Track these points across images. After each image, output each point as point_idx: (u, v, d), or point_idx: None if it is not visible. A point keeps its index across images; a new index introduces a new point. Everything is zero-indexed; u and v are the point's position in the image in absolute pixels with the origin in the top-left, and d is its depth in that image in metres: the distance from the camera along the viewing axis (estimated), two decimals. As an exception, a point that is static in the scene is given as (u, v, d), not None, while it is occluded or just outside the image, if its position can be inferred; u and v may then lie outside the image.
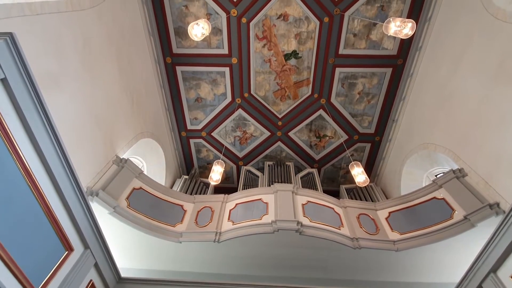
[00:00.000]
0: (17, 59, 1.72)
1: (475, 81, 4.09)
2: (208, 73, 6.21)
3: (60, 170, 2.33)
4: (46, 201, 2.18)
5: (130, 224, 3.94)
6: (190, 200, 4.89)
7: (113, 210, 3.80)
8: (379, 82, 6.14)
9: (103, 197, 3.71)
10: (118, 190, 4.09)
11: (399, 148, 6.30)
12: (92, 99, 3.88)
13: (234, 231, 4.22)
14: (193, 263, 4.54)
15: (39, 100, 1.95)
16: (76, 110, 3.54)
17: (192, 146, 7.34)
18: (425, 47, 5.27)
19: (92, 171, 3.85)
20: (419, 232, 4.12)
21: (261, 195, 4.80)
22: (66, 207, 2.49)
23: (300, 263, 4.48)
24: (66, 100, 3.35)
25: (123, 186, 4.22)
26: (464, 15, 4.31)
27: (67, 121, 3.34)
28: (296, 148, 7.31)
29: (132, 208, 4.13)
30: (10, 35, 1.65)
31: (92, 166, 3.86)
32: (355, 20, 5.45)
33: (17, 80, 1.74)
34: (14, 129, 1.81)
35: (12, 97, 1.73)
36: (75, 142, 3.48)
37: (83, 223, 2.75)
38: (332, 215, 4.59)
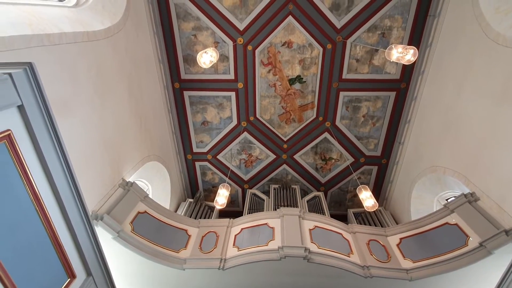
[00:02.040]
0: (34, 87, 1.79)
1: (480, 103, 4.10)
2: (214, 98, 6.37)
3: (68, 194, 2.34)
4: (52, 226, 2.17)
5: (134, 250, 3.86)
6: (194, 224, 4.80)
7: (117, 235, 3.75)
8: (383, 105, 6.20)
9: (107, 221, 3.68)
10: (123, 214, 4.06)
11: (406, 171, 6.21)
12: (102, 123, 3.97)
13: (240, 257, 4.09)
14: (196, 291, 4.37)
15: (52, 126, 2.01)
16: (86, 134, 3.62)
17: (198, 169, 7.34)
18: (427, 71, 5.37)
19: (98, 194, 3.86)
20: (433, 260, 3.93)
21: (267, 219, 4.70)
22: (71, 232, 2.46)
23: None
24: (77, 124, 3.44)
25: (128, 210, 4.19)
26: (465, 40, 4.42)
27: (76, 144, 3.41)
28: (302, 171, 7.26)
29: (136, 233, 4.07)
30: (29, 65, 1.74)
31: (98, 189, 3.87)
32: (357, 46, 5.62)
33: (33, 107, 1.81)
34: (26, 153, 1.85)
35: (27, 122, 1.79)
36: (83, 166, 3.52)
37: (87, 248, 2.70)
38: (341, 241, 4.44)
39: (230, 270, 4.08)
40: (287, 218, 4.59)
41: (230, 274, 4.12)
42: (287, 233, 4.26)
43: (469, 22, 4.30)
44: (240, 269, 4.06)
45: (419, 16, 5.21)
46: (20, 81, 1.70)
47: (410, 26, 5.33)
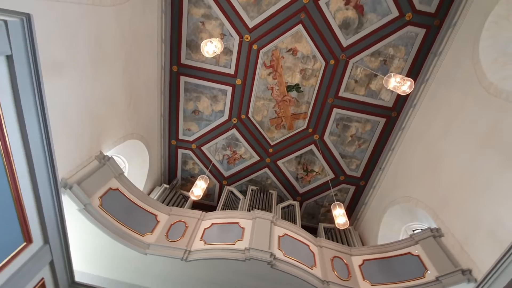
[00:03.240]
0: (28, 40, 1.71)
1: (462, 146, 4.29)
2: (210, 89, 6.30)
3: (40, 154, 2.24)
4: (18, 185, 2.07)
5: (98, 226, 3.74)
6: (165, 211, 4.72)
7: (84, 208, 3.63)
8: (371, 129, 6.35)
9: (76, 192, 3.55)
10: (93, 188, 3.93)
11: (382, 196, 6.38)
12: (90, 92, 3.84)
13: (205, 252, 4.06)
14: (155, 278, 4.29)
15: (38, 83, 1.92)
16: (71, 100, 3.49)
17: (180, 156, 7.23)
18: (419, 105, 5.55)
19: (72, 163, 3.72)
20: (390, 286, 4.06)
21: (240, 219, 4.70)
22: (36, 195, 2.36)
23: None
24: (64, 88, 3.30)
25: (99, 184, 4.07)
26: (459, 83, 4.61)
27: (59, 108, 3.27)
28: (282, 177, 7.31)
29: (104, 208, 3.95)
30: (27, 16, 1.66)
31: (73, 157, 3.73)
32: (358, 68, 5.74)
33: (22, 59, 1.73)
34: (5, 105, 1.75)
35: (13, 75, 1.70)
36: (61, 130, 3.38)
37: (49, 215, 2.60)
38: (307, 253, 4.50)
39: (193, 263, 4.03)
40: (259, 221, 4.60)
41: (193, 266, 4.07)
42: (256, 236, 4.27)
43: (466, 67, 4.49)
44: (203, 263, 4.03)
45: (422, 52, 5.39)
46: (14, 31, 1.62)
47: (411, 59, 5.50)
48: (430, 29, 5.21)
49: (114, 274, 4.26)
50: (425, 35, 5.27)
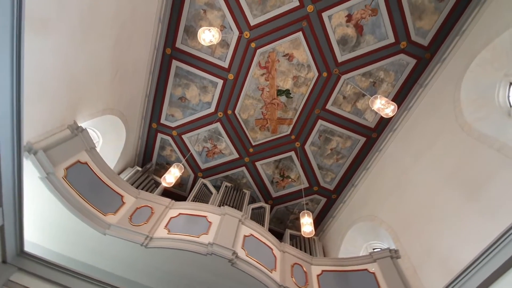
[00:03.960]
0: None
1: (430, 177, 4.51)
2: (201, 78, 6.21)
3: (7, 110, 2.09)
4: (-26, 140, 1.92)
5: (58, 198, 3.55)
6: (133, 193, 4.58)
7: (46, 176, 3.44)
8: (351, 146, 6.52)
9: (40, 158, 3.36)
10: (60, 157, 3.74)
11: (350, 212, 6.56)
12: (74, 58, 3.66)
13: (167, 241, 3.98)
14: (112, 262, 4.14)
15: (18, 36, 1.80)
16: (53, 61, 3.30)
17: (158, 141, 7.05)
18: (398, 131, 5.77)
19: (42, 128, 3.52)
20: (344, 299, 4.17)
21: (208, 213, 4.65)
22: (-6, 154, 2.20)
23: None
24: (48, 48, 3.13)
25: (67, 155, 3.88)
26: (438, 116, 4.84)
27: (38, 67, 3.09)
28: (258, 179, 7.32)
29: (68, 181, 3.77)
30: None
31: (44, 122, 3.53)
32: (348, 85, 5.88)
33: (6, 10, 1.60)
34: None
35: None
36: (36, 91, 3.19)
37: (7, 178, 2.44)
38: (269, 256, 4.53)
39: (154, 251, 3.94)
40: (227, 218, 4.58)
41: (153, 254, 3.98)
42: (222, 232, 4.24)
43: (447, 102, 4.72)
44: (164, 252, 3.94)
45: (409, 80, 5.62)
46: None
47: (399, 86, 5.71)
48: (420, 60, 5.43)
49: (68, 251, 4.06)
50: (415, 65, 5.49)
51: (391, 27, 5.28)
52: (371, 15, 5.26)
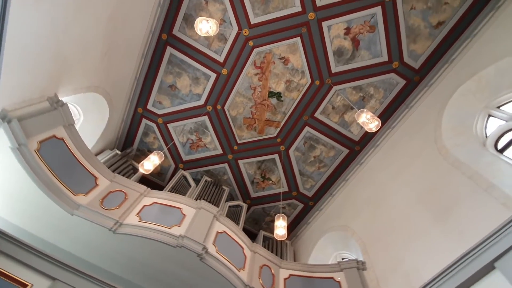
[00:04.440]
0: None
1: (404, 195, 4.65)
2: (195, 69, 6.12)
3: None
4: None
5: (27, 171, 3.40)
6: (109, 176, 4.46)
7: (17, 147, 3.28)
8: (334, 156, 6.62)
9: (14, 128, 3.21)
10: (35, 129, 3.58)
11: (324, 220, 6.66)
12: (65, 29, 3.52)
13: (137, 228, 3.89)
14: (76, 244, 4.01)
15: None
16: (42, 27, 3.16)
17: (142, 126, 6.89)
18: (380, 147, 5.92)
19: (19, 96, 3.36)
20: (306, 304, 4.23)
21: (184, 205, 4.59)
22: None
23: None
24: (36, 15, 2.99)
25: (43, 128, 3.72)
26: (419, 138, 5.00)
27: (24, 33, 2.94)
28: (239, 177, 7.31)
29: (40, 154, 3.61)
30: None
31: (23, 91, 3.37)
32: (339, 96, 5.98)
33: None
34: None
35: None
36: (19, 58, 3.04)
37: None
38: (239, 255, 4.52)
39: (122, 237, 3.84)
40: (203, 212, 4.54)
41: (121, 240, 3.88)
42: (195, 226, 4.20)
43: (429, 126, 4.88)
44: (133, 240, 3.85)
45: (397, 100, 5.77)
46: None
47: (386, 104, 5.86)
48: (409, 82, 5.60)
49: (31, 227, 3.89)
50: (404, 86, 5.66)
51: (386, 46, 5.42)
52: (369, 31, 5.37)
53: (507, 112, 4.09)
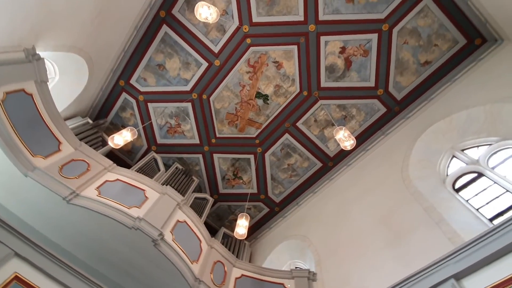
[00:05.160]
0: None
1: (365, 216, 4.84)
2: (187, 53, 5.99)
3: None
4: None
5: (-16, 120, 3.14)
6: (74, 143, 4.23)
7: (-23, 93, 3.02)
8: (308, 167, 6.76)
9: (-23, 71, 2.95)
10: (4, 79, 3.37)
11: (286, 227, 6.76)
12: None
13: (93, 202, 3.72)
14: (26, 208, 3.76)
15: None
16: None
17: (120, 100, 6.61)
18: (352, 167, 6.13)
19: (-10, 39, 3.10)
20: (252, 306, 4.26)
21: (148, 188, 4.46)
22: None
23: (138, 276, 4.07)
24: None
25: (13, 79, 3.47)
26: (388, 164, 5.23)
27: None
28: (211, 171, 7.23)
29: (4, 106, 3.36)
30: None
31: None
32: (323, 110, 6.13)
33: None
34: None
35: None
36: None
37: None
38: (196, 247, 4.47)
39: (76, 209, 3.66)
40: (166, 198, 4.45)
41: (74, 212, 3.69)
42: (156, 210, 4.09)
43: (399, 155, 5.13)
44: (86, 213, 3.68)
45: (375, 125, 6.02)
46: None
47: (365, 127, 6.09)
48: (389, 111, 5.87)
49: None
50: (384, 113, 5.91)
51: (375, 72, 5.65)
52: (362, 55, 5.57)
53: (469, 156, 4.40)
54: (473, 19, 4.82)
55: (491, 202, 3.73)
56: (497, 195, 3.71)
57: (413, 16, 5.13)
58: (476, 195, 3.96)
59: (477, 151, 4.40)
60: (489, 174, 3.99)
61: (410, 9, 5.07)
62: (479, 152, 4.36)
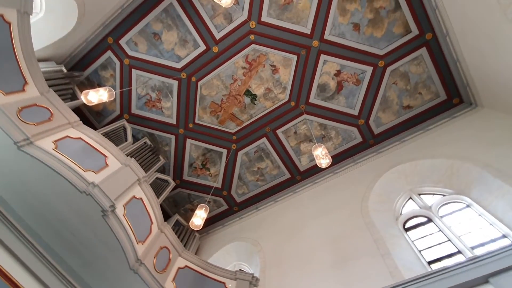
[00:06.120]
0: None
1: (318, 235, 5.00)
2: (188, 31, 5.78)
3: None
4: None
5: None
6: (42, 88, 3.86)
7: None
8: (276, 176, 6.83)
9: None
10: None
11: (240, 228, 6.74)
12: None
13: (47, 155, 3.40)
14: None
15: None
16: None
17: (104, 58, 6.17)
18: (317, 186, 6.30)
19: None
20: (188, 299, 4.16)
21: (111, 155, 4.20)
22: None
23: (78, 246, 3.76)
24: None
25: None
26: (350, 191, 5.45)
27: None
28: (180, 155, 7.01)
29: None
30: None
31: None
32: (305, 124, 6.25)
33: None
34: None
35: None
36: None
37: None
38: (146, 228, 4.27)
39: (28, 159, 3.31)
40: (128, 170, 4.21)
41: (23, 162, 3.33)
42: (113, 180, 3.85)
43: (362, 185, 5.37)
44: (38, 166, 3.35)
45: (348, 152, 6.26)
46: None
47: (338, 151, 6.31)
48: (365, 142, 6.15)
49: None
50: (359, 143, 6.18)
51: (361, 103, 5.89)
52: (354, 83, 5.79)
53: (423, 201, 4.74)
54: (457, 80, 5.24)
55: (433, 247, 4.03)
56: (439, 242, 4.03)
57: (408, 61, 5.45)
58: (421, 237, 4.27)
59: (431, 198, 4.75)
60: (437, 221, 4.32)
61: (407, 54, 5.38)
62: (433, 199, 4.71)
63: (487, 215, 3.94)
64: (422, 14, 4.99)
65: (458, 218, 4.21)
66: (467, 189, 4.37)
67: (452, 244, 3.90)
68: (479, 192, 4.16)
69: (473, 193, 4.27)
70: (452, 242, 3.91)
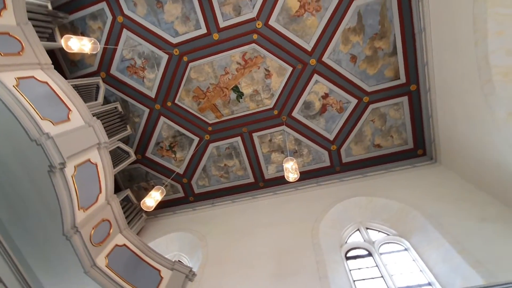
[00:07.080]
0: None
1: (266, 244, 5.06)
2: (193, 9, 5.59)
3: None
4: None
5: None
6: (20, 17, 3.48)
7: None
8: (240, 176, 6.81)
9: None
10: None
11: (190, 220, 6.60)
12: None
13: (6, 91, 3.07)
14: None
15: None
16: None
17: (97, 7, 5.68)
18: (276, 197, 6.41)
19: None
20: (118, 280, 3.94)
21: (76, 111, 3.90)
22: None
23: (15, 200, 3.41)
24: None
25: None
26: (307, 210, 5.59)
27: None
28: (150, 130, 6.71)
29: None
30: None
31: None
32: (281, 135, 6.33)
33: None
34: None
35: None
36: None
37: None
38: (92, 195, 4.01)
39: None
40: (90, 131, 3.94)
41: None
42: (71, 137, 3.57)
43: (318, 207, 5.55)
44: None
45: (315, 173, 6.45)
46: None
47: (306, 169, 6.47)
48: (332, 167, 6.38)
49: None
50: (326, 167, 6.40)
51: (338, 130, 6.13)
52: (338, 110, 6.00)
53: (369, 235, 5.01)
54: (426, 134, 5.68)
55: (366, 280, 4.27)
56: (373, 277, 4.27)
57: (389, 104, 5.79)
58: (358, 268, 4.49)
59: (376, 234, 5.04)
60: (376, 257, 4.58)
61: (391, 98, 5.72)
62: (377, 236, 5.00)
63: (420, 261, 4.27)
64: (413, 66, 5.35)
65: (394, 258, 4.51)
66: (409, 234, 4.71)
67: (383, 281, 4.15)
68: (418, 239, 4.50)
69: (413, 238, 4.61)
70: (384, 279, 4.17)
